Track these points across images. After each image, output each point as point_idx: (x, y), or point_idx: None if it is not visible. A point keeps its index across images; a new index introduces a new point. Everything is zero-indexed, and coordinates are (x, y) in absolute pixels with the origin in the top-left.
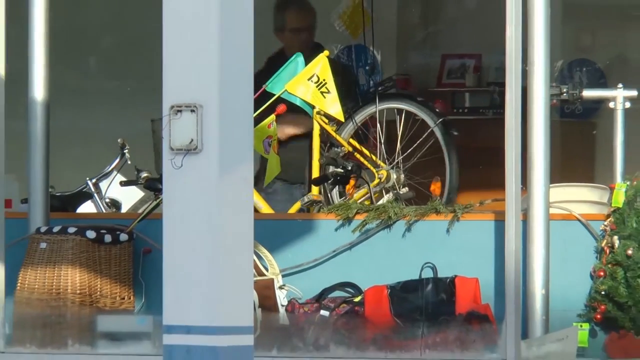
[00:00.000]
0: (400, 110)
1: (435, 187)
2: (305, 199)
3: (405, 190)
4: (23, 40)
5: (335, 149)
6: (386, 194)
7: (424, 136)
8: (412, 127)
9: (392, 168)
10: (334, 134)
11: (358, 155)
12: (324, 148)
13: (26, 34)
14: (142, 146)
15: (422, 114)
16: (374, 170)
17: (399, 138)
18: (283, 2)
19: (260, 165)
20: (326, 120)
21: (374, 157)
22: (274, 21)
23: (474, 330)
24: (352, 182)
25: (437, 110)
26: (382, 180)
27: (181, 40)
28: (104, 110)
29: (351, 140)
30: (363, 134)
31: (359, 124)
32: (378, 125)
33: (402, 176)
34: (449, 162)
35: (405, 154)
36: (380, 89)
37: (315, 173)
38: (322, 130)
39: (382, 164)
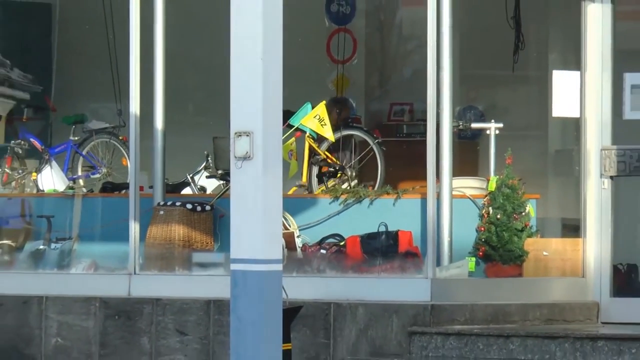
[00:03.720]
0: (352, 135)
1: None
2: (298, 182)
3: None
4: (149, 79)
5: (317, 157)
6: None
7: (366, 150)
8: (361, 146)
9: (350, 168)
10: (317, 148)
11: (329, 160)
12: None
13: (152, 75)
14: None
15: (365, 137)
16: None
17: (352, 151)
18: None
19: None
20: (313, 141)
21: (336, 161)
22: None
23: (409, 261)
24: (339, 175)
25: (375, 135)
26: (347, 175)
27: (242, 90)
28: (191, 132)
29: (326, 152)
30: (333, 148)
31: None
32: (341, 144)
33: (354, 173)
34: (380, 165)
35: (355, 159)
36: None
37: (305, 171)
38: (310, 147)
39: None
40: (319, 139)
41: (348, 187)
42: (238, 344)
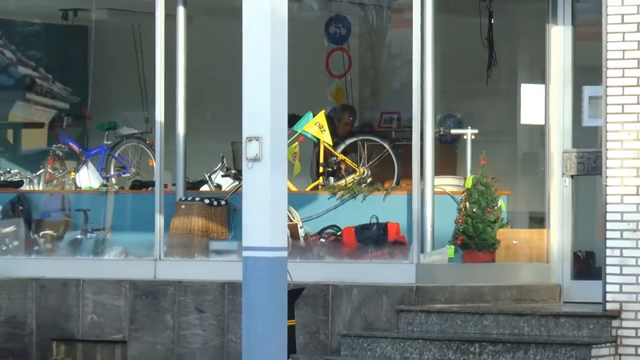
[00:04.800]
0: (367, 140)
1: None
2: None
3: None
4: (172, 91)
5: (334, 158)
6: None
7: (383, 153)
8: (372, 149)
9: (367, 168)
10: (333, 150)
11: (345, 161)
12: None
13: (175, 88)
14: (229, 156)
15: (381, 142)
16: (356, 168)
17: (365, 154)
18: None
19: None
20: (330, 145)
21: (351, 163)
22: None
23: (397, 249)
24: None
25: (388, 139)
26: (360, 174)
27: (252, 100)
28: (208, 137)
29: (340, 154)
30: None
31: (345, 145)
32: (359, 147)
33: (369, 172)
34: (397, 165)
35: (371, 162)
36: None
37: (320, 171)
38: (326, 149)
39: (356, 166)
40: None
41: (348, 184)
42: (249, 320)
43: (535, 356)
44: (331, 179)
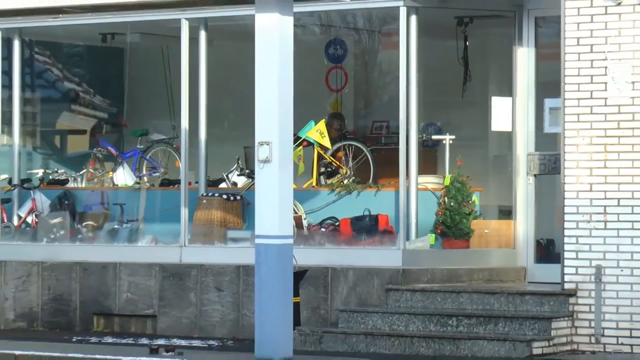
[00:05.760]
0: (350, 145)
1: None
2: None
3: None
4: (195, 103)
5: (324, 160)
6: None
7: (361, 156)
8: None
9: (349, 169)
10: (324, 154)
11: (333, 163)
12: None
13: (197, 100)
14: (243, 158)
15: (361, 146)
16: (340, 168)
17: (350, 157)
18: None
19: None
20: (322, 150)
21: (337, 164)
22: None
23: (386, 237)
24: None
25: (367, 145)
26: (344, 173)
27: (263, 111)
28: (226, 142)
29: (329, 157)
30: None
31: (332, 150)
32: (345, 151)
33: (352, 172)
34: (372, 166)
35: (353, 163)
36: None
37: (314, 173)
38: (319, 153)
39: (343, 167)
40: (324, 147)
41: (342, 183)
42: (260, 297)
43: (504, 328)
44: (321, 177)
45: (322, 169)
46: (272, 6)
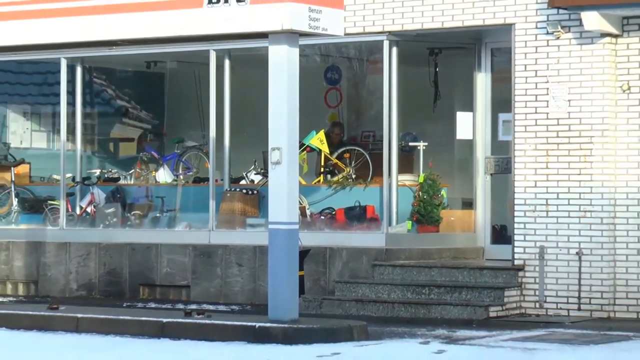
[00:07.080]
0: (353, 149)
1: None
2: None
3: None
4: (221, 116)
5: (330, 162)
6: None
7: (361, 159)
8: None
9: (352, 168)
10: (330, 157)
11: (337, 165)
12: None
13: (223, 114)
14: (260, 160)
15: (362, 151)
16: (344, 168)
17: (353, 159)
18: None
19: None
20: (327, 152)
21: (341, 165)
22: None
23: (373, 223)
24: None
25: (365, 149)
26: (347, 172)
27: (275, 123)
28: (245, 148)
29: (335, 159)
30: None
31: (337, 153)
32: (348, 154)
33: (353, 171)
34: (371, 167)
35: (354, 164)
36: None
37: (321, 171)
38: (325, 156)
39: (345, 167)
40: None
41: (339, 180)
42: (273, 271)
43: (467, 296)
44: (328, 176)
45: (327, 169)
46: (282, 40)
